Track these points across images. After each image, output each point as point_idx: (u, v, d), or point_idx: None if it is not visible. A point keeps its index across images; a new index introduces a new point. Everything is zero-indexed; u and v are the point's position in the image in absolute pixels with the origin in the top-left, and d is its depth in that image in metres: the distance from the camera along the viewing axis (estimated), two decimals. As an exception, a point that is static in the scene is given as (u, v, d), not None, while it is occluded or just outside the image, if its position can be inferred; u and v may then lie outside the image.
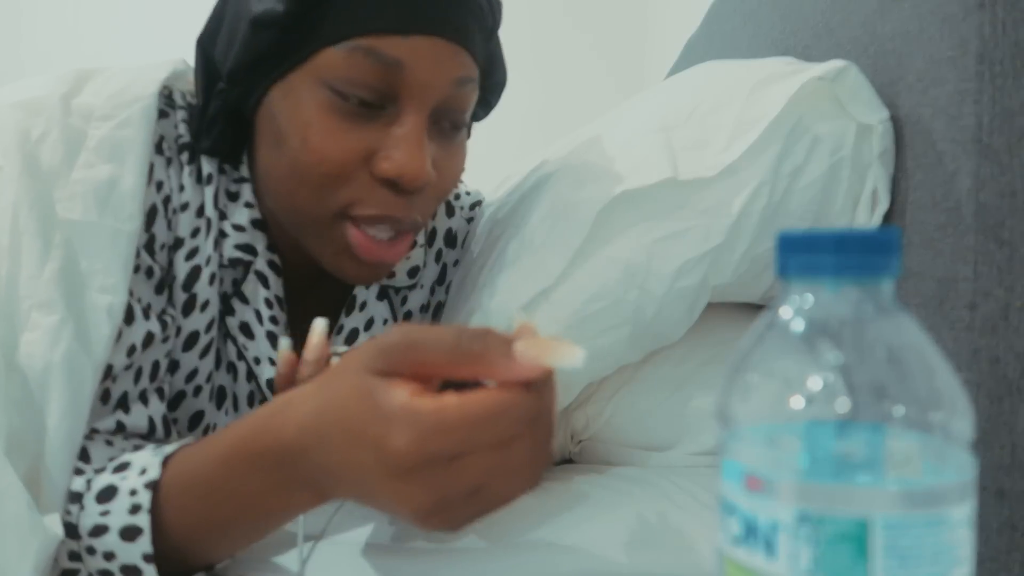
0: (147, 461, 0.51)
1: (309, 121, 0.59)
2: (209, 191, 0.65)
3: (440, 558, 0.56)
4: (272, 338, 0.69)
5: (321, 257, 0.65)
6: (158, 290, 0.62)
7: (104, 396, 0.57)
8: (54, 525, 0.50)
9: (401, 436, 0.37)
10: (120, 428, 0.58)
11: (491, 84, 0.71)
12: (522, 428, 0.37)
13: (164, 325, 0.61)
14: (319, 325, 0.58)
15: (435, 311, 0.83)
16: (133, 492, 0.50)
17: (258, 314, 0.68)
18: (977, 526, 0.53)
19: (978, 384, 0.53)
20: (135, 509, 0.49)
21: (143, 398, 0.60)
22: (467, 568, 0.55)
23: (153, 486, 0.50)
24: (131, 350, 0.58)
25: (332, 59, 0.58)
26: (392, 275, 0.77)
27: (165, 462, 0.51)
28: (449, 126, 0.63)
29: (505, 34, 0.70)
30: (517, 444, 0.37)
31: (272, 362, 0.69)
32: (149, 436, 0.60)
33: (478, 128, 0.76)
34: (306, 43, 0.59)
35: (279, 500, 0.46)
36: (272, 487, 0.45)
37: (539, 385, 0.38)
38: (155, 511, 0.49)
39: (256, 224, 0.67)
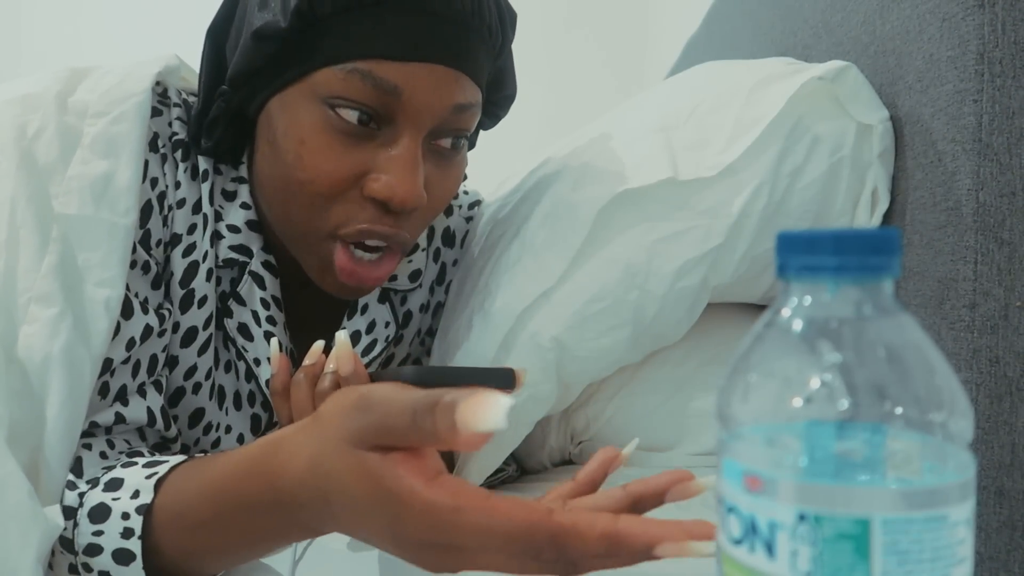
0: (140, 483, 0.51)
1: (304, 138, 0.59)
2: (205, 187, 0.65)
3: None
4: (270, 338, 0.68)
5: (307, 269, 0.65)
6: (154, 285, 0.62)
7: (103, 390, 0.57)
8: (55, 515, 0.50)
9: (416, 525, 0.37)
10: (119, 420, 0.58)
11: (500, 98, 0.70)
12: (536, 553, 0.35)
13: (162, 319, 0.61)
14: (318, 345, 0.58)
15: (435, 310, 0.83)
16: (125, 515, 0.49)
17: (255, 315, 0.68)
18: (977, 526, 0.53)
19: (978, 384, 0.53)
20: (127, 533, 0.49)
21: (141, 391, 0.60)
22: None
23: (145, 511, 0.49)
24: (130, 344, 0.58)
25: (330, 79, 0.58)
26: (394, 278, 0.77)
27: (157, 486, 0.50)
28: (447, 146, 0.63)
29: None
30: (531, 565, 0.36)
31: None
32: (150, 427, 0.61)
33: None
34: (305, 60, 0.58)
35: (272, 538, 0.46)
36: (267, 527, 0.45)
37: (578, 532, 0.35)
38: (147, 536, 0.49)
39: (251, 225, 0.67)
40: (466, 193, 0.87)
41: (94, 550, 0.50)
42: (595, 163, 0.70)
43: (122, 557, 0.49)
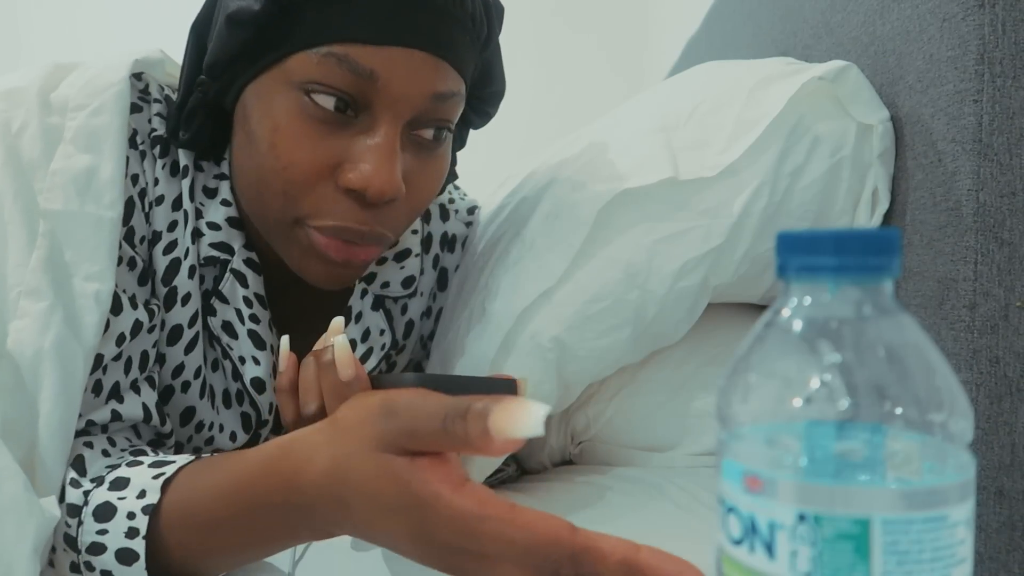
0: (146, 483, 0.51)
1: (278, 125, 0.58)
2: (185, 183, 0.65)
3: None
4: (254, 337, 0.68)
5: (288, 260, 0.63)
6: (141, 281, 0.62)
7: (96, 388, 0.57)
8: (51, 507, 0.50)
9: (441, 530, 0.37)
10: (116, 417, 0.58)
11: (487, 94, 0.69)
12: (554, 568, 0.36)
13: (151, 314, 0.61)
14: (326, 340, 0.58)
15: (437, 316, 0.83)
16: (131, 515, 0.50)
17: (239, 313, 0.67)
18: (977, 526, 0.54)
19: (978, 384, 0.53)
20: (132, 533, 0.49)
21: (135, 388, 0.60)
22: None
23: (152, 511, 0.49)
24: (120, 339, 0.58)
25: (305, 64, 0.56)
26: (386, 285, 0.76)
27: (164, 486, 0.50)
28: (428, 137, 0.61)
29: (505, 34, 0.68)
30: None
31: (256, 361, 0.68)
32: (146, 423, 0.61)
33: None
34: (280, 45, 0.57)
35: (283, 538, 0.46)
36: (279, 527, 0.45)
37: (599, 554, 0.35)
38: (152, 537, 0.49)
39: (232, 222, 0.66)
40: (463, 199, 0.87)
41: (97, 549, 0.50)
42: (595, 163, 0.70)
43: (125, 557, 0.49)
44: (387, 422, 0.40)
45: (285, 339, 0.56)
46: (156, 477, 0.51)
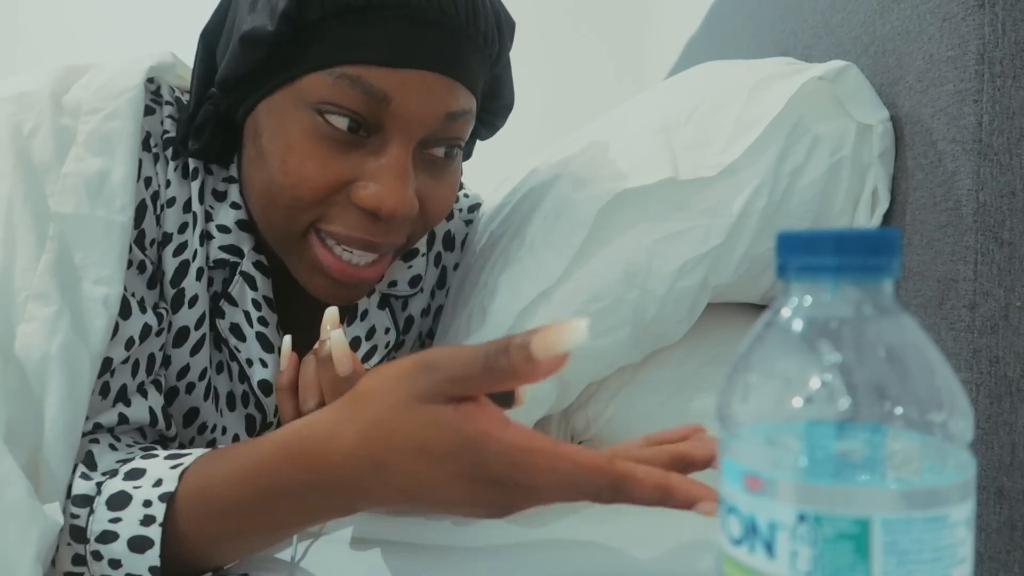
0: (163, 472, 0.51)
1: (290, 143, 0.58)
2: (195, 185, 0.65)
3: (438, 557, 0.56)
4: (262, 339, 0.68)
5: (296, 273, 0.64)
6: (150, 284, 0.62)
7: (103, 390, 0.57)
8: (54, 513, 0.50)
9: (495, 465, 0.39)
10: (122, 420, 0.58)
11: (497, 107, 0.69)
12: (595, 494, 0.39)
13: (160, 318, 0.61)
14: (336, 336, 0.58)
15: (436, 314, 0.83)
16: (147, 503, 0.50)
17: (247, 315, 0.67)
18: (977, 526, 0.54)
19: (978, 384, 0.53)
20: (148, 520, 0.49)
21: (142, 391, 0.60)
22: (467, 567, 0.55)
23: (168, 499, 0.50)
24: (129, 343, 0.58)
25: (318, 84, 0.57)
26: (394, 284, 0.76)
27: (182, 476, 0.51)
28: (439, 155, 0.62)
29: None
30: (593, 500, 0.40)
31: (264, 363, 0.68)
32: (151, 426, 0.61)
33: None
34: (294, 65, 0.58)
35: (300, 521, 0.47)
36: (298, 509, 0.46)
37: (633, 478, 0.39)
38: (168, 524, 0.50)
39: (242, 225, 0.67)
40: (466, 196, 0.87)
41: (108, 537, 0.50)
42: (595, 163, 0.70)
43: (138, 544, 0.49)
44: (426, 375, 0.41)
45: (287, 339, 0.56)
46: (174, 467, 0.51)
